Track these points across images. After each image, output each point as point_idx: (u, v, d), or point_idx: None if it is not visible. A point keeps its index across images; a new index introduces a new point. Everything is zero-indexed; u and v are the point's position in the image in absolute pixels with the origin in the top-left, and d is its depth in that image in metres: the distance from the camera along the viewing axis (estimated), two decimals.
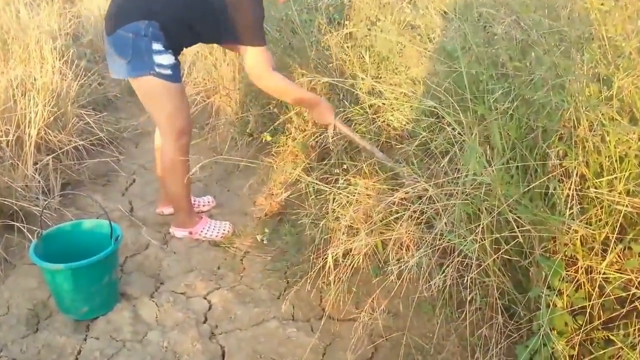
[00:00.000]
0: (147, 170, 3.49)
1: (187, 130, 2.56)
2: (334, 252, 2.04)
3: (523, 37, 1.95)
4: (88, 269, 2.06)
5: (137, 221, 2.86)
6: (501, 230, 1.84)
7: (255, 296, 2.35)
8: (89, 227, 2.32)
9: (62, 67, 3.62)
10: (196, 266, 2.54)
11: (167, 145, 2.56)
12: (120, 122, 3.88)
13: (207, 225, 2.73)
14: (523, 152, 1.92)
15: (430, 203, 1.98)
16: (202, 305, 2.30)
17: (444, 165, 1.97)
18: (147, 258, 2.60)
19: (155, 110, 2.52)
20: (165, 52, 2.36)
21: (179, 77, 2.47)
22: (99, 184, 3.26)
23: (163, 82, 2.39)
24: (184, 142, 2.54)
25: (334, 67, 3.13)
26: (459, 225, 1.88)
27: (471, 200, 1.92)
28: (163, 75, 2.38)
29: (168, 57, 2.38)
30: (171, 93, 2.44)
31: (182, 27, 2.40)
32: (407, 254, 2.01)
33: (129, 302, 2.29)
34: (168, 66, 2.38)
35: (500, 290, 1.88)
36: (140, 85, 2.44)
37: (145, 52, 2.33)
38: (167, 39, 2.35)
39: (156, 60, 2.35)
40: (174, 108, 2.48)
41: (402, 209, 2.02)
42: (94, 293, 2.12)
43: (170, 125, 2.51)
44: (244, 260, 2.60)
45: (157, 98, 2.45)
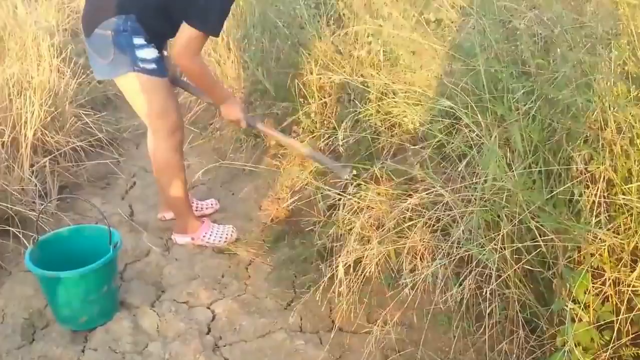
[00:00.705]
0: (148, 172, 3.37)
1: (179, 125, 2.46)
2: (344, 261, 1.93)
3: (546, 33, 1.83)
4: (86, 277, 1.96)
5: (137, 226, 2.75)
6: (522, 239, 1.75)
7: (261, 306, 2.24)
8: (87, 233, 2.22)
9: (60, 65, 3.52)
10: (199, 274, 2.44)
11: (160, 145, 2.46)
12: (121, 122, 3.77)
13: (210, 229, 2.63)
14: (546, 155, 1.82)
15: (447, 210, 1.88)
16: (206, 315, 2.19)
17: (461, 170, 1.86)
18: (148, 265, 2.49)
19: (144, 108, 2.40)
20: (148, 45, 2.26)
21: (164, 70, 2.36)
22: (98, 187, 3.15)
23: (148, 77, 2.28)
24: (177, 139, 2.44)
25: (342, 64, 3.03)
26: (477, 233, 1.77)
27: (490, 207, 1.82)
28: (147, 70, 2.27)
29: (151, 51, 2.27)
30: (158, 88, 2.34)
31: (159, 16, 2.27)
32: (421, 263, 1.90)
33: (129, 311, 2.19)
34: (152, 60, 2.27)
35: (521, 302, 1.78)
36: (125, 84, 2.34)
37: (127, 48, 2.22)
38: (148, 31, 2.25)
39: (139, 55, 2.24)
40: (163, 104, 2.38)
41: (416, 216, 1.91)
42: (92, 302, 2.02)
43: (161, 122, 2.41)
44: (249, 268, 2.49)
45: (144, 95, 2.34)
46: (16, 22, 3.64)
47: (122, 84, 2.35)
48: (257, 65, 3.18)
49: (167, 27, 2.33)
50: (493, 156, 1.78)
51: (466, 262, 1.84)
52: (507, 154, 1.85)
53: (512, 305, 1.77)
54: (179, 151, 2.46)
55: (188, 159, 3.32)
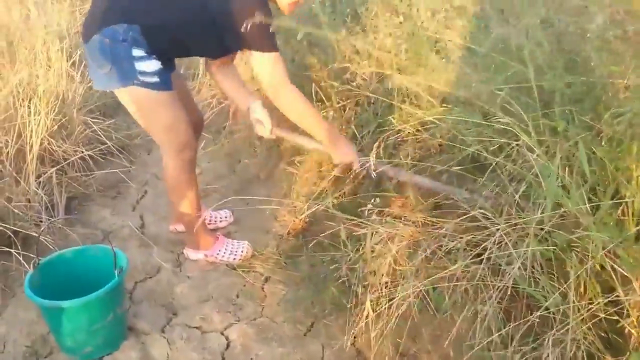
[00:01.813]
0: (159, 179, 3.23)
1: (189, 142, 2.26)
2: (373, 301, 1.75)
3: (615, 34, 1.59)
4: (89, 306, 1.82)
5: (148, 240, 2.61)
6: (592, 280, 1.50)
7: (278, 332, 2.08)
8: (92, 253, 2.08)
9: (70, 69, 3.39)
10: (212, 294, 2.29)
11: (168, 162, 2.29)
12: (132, 128, 3.63)
13: (224, 246, 2.47)
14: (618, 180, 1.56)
15: (500, 243, 1.64)
16: (219, 342, 2.04)
17: (512, 193, 1.63)
18: (159, 284, 2.35)
19: (149, 124, 2.23)
20: (149, 57, 2.06)
21: (169, 83, 2.15)
22: (108, 197, 3.02)
23: (150, 91, 2.09)
24: (186, 156, 2.26)
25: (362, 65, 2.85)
26: (532, 269, 1.55)
27: (552, 240, 1.57)
28: (149, 83, 2.07)
29: (152, 63, 2.07)
30: (162, 103, 2.14)
31: (167, 38, 2.09)
32: (466, 295, 1.70)
33: (137, 338, 2.04)
34: (153, 73, 2.07)
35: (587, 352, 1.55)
36: (125, 98, 2.15)
37: (125, 60, 2.03)
38: (150, 45, 2.05)
39: (138, 67, 2.05)
40: (169, 120, 2.18)
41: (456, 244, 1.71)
42: (96, 331, 1.87)
43: (168, 139, 2.24)
44: (265, 287, 2.34)
45: (148, 110, 2.17)
46: (27, 25, 3.50)
47: (123, 98, 2.17)
48: None
49: (174, 50, 2.17)
50: (554, 180, 1.52)
51: (518, 298, 1.64)
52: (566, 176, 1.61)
53: (575, 354, 1.54)
54: (189, 169, 2.30)
55: (200, 164, 3.18)
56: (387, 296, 1.77)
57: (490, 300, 1.56)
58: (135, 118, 2.24)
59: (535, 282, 1.52)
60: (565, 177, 1.44)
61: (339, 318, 2.10)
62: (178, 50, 2.20)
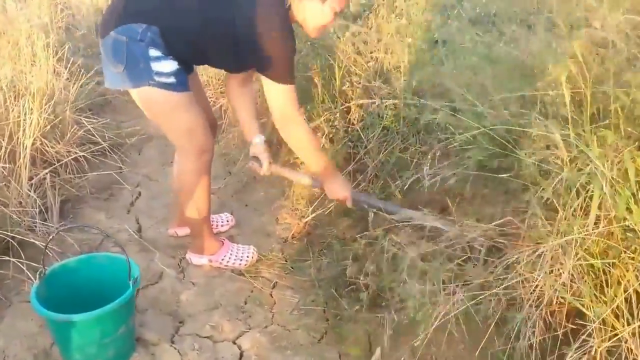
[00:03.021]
0: (152, 181, 3.15)
1: (208, 145, 2.19)
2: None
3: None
4: (102, 319, 1.73)
5: (147, 245, 2.53)
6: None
7: (292, 340, 2.03)
8: (98, 262, 1.99)
9: (57, 66, 3.27)
10: (220, 301, 2.22)
11: (186, 165, 2.21)
12: (122, 127, 3.53)
13: (229, 251, 2.40)
14: None
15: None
16: (232, 352, 1.98)
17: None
18: (163, 291, 2.27)
19: (166, 126, 2.16)
20: (165, 58, 1.99)
21: (186, 84, 2.09)
22: (101, 199, 2.91)
23: (166, 92, 2.02)
24: (205, 160, 2.19)
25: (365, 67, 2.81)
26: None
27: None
28: (165, 84, 2.00)
29: (169, 64, 2.00)
30: (179, 105, 2.07)
31: (186, 43, 2.03)
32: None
33: (146, 349, 1.97)
34: (170, 74, 2.00)
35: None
36: (141, 98, 2.08)
37: (142, 59, 1.97)
38: (168, 48, 1.99)
39: (154, 68, 1.98)
40: (187, 122, 2.11)
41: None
42: (107, 345, 1.79)
43: (187, 142, 2.16)
44: (273, 293, 2.28)
45: (165, 112, 2.09)
46: (7, 18, 3.35)
47: (138, 98, 2.09)
48: None
49: (192, 57, 2.11)
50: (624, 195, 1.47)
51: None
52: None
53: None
54: (207, 173, 2.22)
55: None
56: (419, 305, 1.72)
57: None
58: (152, 120, 2.17)
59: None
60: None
61: (353, 324, 2.06)
62: (195, 57, 2.14)
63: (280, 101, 2.05)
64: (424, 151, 2.54)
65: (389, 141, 2.61)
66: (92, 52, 4.54)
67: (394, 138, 2.60)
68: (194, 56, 2.12)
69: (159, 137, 3.55)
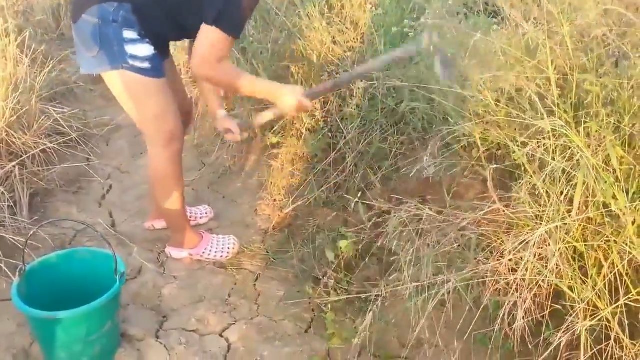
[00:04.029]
0: (123, 173, 3.07)
1: (178, 134, 2.15)
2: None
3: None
4: (88, 316, 1.68)
5: (124, 239, 2.46)
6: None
7: (280, 331, 2.03)
8: (79, 257, 1.92)
9: (17, 53, 3.12)
10: (204, 294, 2.19)
11: (155, 154, 2.16)
12: (88, 117, 3.42)
13: (210, 243, 2.37)
14: None
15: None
16: (220, 345, 1.96)
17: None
18: (144, 286, 2.22)
19: (136, 112, 2.10)
20: (141, 41, 1.94)
21: (161, 70, 2.04)
22: (70, 192, 2.82)
23: (140, 77, 1.97)
24: (175, 148, 2.14)
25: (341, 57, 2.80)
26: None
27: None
28: (139, 69, 1.96)
29: (145, 48, 1.95)
30: (152, 90, 2.03)
31: (161, 14, 1.97)
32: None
33: (131, 345, 1.92)
34: (145, 58, 1.96)
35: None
36: (113, 82, 2.02)
37: (115, 42, 1.91)
38: (143, 26, 1.93)
39: (129, 51, 1.92)
40: (158, 108, 2.06)
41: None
42: (93, 342, 1.74)
43: (156, 129, 2.11)
44: (257, 285, 2.26)
45: (136, 97, 2.04)
46: None
47: (111, 83, 2.03)
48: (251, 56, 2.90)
49: (167, 28, 2.02)
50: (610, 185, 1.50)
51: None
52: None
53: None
54: (177, 161, 2.17)
55: None
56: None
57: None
58: (121, 104, 2.10)
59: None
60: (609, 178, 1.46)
61: (338, 312, 2.07)
62: (171, 31, 2.06)
63: (205, 46, 1.89)
64: (402, 141, 2.57)
65: (367, 131, 2.62)
66: (51, 38, 4.38)
67: (373, 128, 2.61)
68: (169, 28, 2.03)
69: (127, 127, 3.45)
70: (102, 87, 2.23)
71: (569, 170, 1.51)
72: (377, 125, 2.61)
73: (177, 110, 2.12)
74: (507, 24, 2.01)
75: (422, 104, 2.42)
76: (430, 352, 1.85)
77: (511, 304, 1.57)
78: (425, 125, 2.52)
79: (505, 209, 1.68)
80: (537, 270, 1.59)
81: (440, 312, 1.75)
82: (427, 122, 2.52)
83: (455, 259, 1.74)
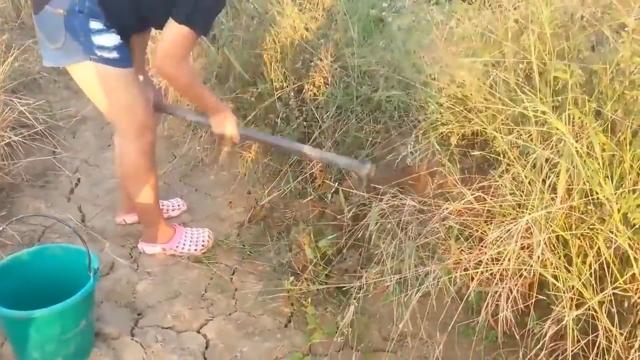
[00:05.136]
0: (91, 166, 2.98)
1: (149, 125, 2.08)
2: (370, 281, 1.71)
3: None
4: (63, 314, 1.62)
5: (95, 234, 2.39)
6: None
7: (259, 326, 1.99)
8: (52, 254, 1.85)
9: None
10: (179, 290, 2.14)
11: (127, 147, 2.10)
12: (53, 108, 3.30)
13: (183, 237, 2.31)
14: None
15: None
16: (198, 341, 1.92)
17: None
18: (118, 282, 2.16)
19: (106, 104, 2.02)
20: (107, 31, 1.88)
21: (129, 59, 1.98)
22: (37, 187, 2.72)
23: (108, 68, 1.91)
24: (147, 140, 2.08)
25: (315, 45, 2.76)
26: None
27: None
28: (107, 59, 1.89)
29: (111, 37, 1.89)
30: (121, 81, 1.96)
31: (125, 6, 1.92)
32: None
33: (106, 344, 1.87)
34: (112, 48, 1.89)
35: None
36: (80, 75, 1.95)
37: (82, 33, 1.84)
38: (108, 18, 1.87)
39: (96, 41, 1.86)
40: (128, 99, 2.00)
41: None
42: (67, 341, 1.68)
43: (127, 121, 2.04)
44: (234, 279, 2.22)
45: (106, 89, 1.97)
46: None
47: (77, 75, 1.96)
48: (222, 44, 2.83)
49: (132, 19, 1.96)
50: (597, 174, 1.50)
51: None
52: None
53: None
54: (149, 154, 2.11)
55: None
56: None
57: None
58: (90, 97, 2.03)
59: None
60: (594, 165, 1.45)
61: (318, 306, 2.05)
62: (136, 22, 1.99)
63: (169, 41, 1.89)
64: (378, 130, 2.55)
65: (343, 120, 2.59)
66: (11, 27, 4.22)
67: (348, 117, 2.58)
68: (135, 19, 1.97)
69: (93, 119, 3.36)
70: (66, 78, 2.14)
71: (552, 157, 1.51)
72: (352, 113, 2.59)
73: (147, 101, 2.06)
74: (485, 9, 1.99)
75: (398, 92, 2.41)
76: (414, 345, 1.85)
77: (497, 294, 1.56)
78: (401, 112, 2.52)
79: (487, 197, 1.68)
80: (521, 259, 1.59)
81: (424, 304, 1.74)
82: (403, 110, 2.51)
83: (437, 249, 1.73)
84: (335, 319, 1.98)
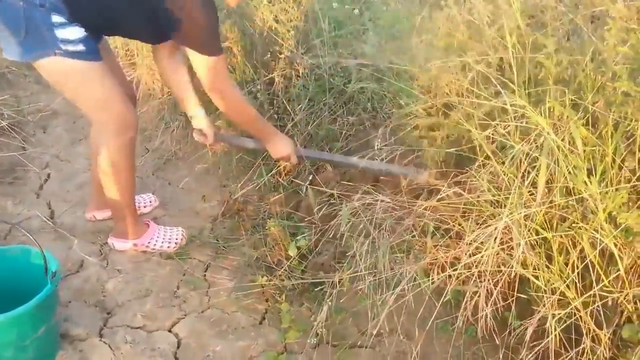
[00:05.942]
0: (62, 161, 2.90)
1: (131, 120, 2.01)
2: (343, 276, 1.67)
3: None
4: (18, 320, 1.55)
5: (64, 232, 2.32)
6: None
7: (232, 323, 1.94)
8: (11, 255, 1.78)
9: None
10: (150, 288, 2.08)
11: (107, 142, 2.01)
12: (21, 102, 3.20)
13: (156, 234, 2.25)
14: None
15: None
16: (169, 341, 1.86)
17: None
18: (87, 281, 2.10)
19: (79, 99, 1.96)
20: (70, 24, 1.80)
21: (97, 52, 1.90)
22: (5, 183, 2.64)
23: (77, 62, 1.83)
24: (127, 137, 2.01)
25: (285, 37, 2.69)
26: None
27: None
28: (74, 53, 1.81)
29: (75, 30, 1.81)
30: (91, 75, 1.89)
31: (93, 8, 1.84)
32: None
33: (73, 346, 1.81)
34: (77, 41, 1.81)
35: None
36: (46, 70, 1.87)
37: (43, 26, 1.76)
38: (73, 15, 1.79)
39: (59, 35, 1.78)
40: (102, 94, 1.93)
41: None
42: (26, 347, 1.61)
43: (105, 116, 1.97)
44: (207, 275, 2.17)
45: (76, 84, 1.90)
46: None
47: (45, 71, 1.87)
48: None
49: (100, 24, 1.89)
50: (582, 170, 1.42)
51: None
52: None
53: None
54: (129, 151, 2.04)
55: None
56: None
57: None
58: (63, 93, 1.97)
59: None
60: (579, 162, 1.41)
61: (293, 302, 2.01)
62: (105, 25, 1.92)
63: (210, 74, 1.93)
64: (352, 122, 2.50)
65: (316, 113, 2.54)
66: None
67: (321, 109, 2.53)
68: (103, 23, 1.90)
69: (65, 113, 3.27)
70: (37, 72, 2.05)
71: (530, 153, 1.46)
72: (325, 106, 2.54)
73: (124, 95, 1.99)
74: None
75: (371, 83, 2.36)
76: (392, 340, 1.81)
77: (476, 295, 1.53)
78: (375, 104, 2.47)
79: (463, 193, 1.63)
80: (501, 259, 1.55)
81: (401, 300, 1.70)
82: (377, 102, 2.47)
83: (413, 247, 1.69)
84: (311, 314, 1.95)
